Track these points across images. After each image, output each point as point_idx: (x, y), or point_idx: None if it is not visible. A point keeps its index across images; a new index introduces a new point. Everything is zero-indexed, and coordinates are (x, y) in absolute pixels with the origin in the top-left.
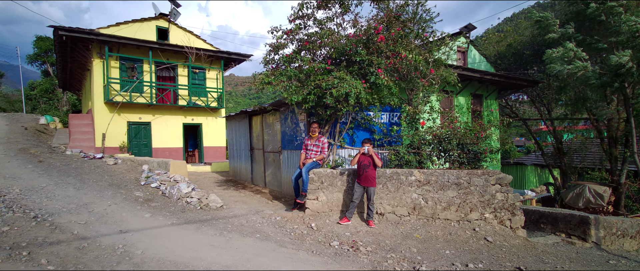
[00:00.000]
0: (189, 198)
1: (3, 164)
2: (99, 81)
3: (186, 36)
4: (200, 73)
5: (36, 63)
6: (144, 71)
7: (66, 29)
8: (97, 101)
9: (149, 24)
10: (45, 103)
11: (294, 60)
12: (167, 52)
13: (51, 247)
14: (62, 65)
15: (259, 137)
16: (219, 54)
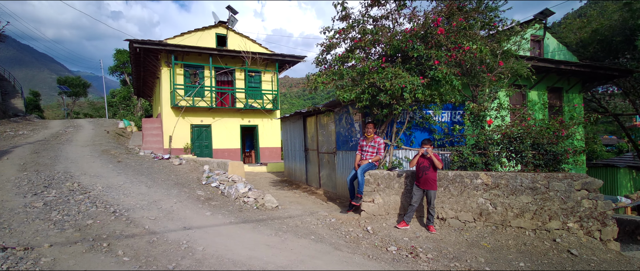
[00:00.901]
0: (245, 198)
1: (89, 164)
2: (166, 87)
3: (243, 41)
4: (256, 77)
5: (116, 73)
6: (204, 76)
7: (139, 42)
8: (164, 106)
9: (209, 32)
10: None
11: (346, 60)
12: (226, 58)
13: (127, 240)
14: (136, 74)
15: (314, 138)
16: (274, 57)
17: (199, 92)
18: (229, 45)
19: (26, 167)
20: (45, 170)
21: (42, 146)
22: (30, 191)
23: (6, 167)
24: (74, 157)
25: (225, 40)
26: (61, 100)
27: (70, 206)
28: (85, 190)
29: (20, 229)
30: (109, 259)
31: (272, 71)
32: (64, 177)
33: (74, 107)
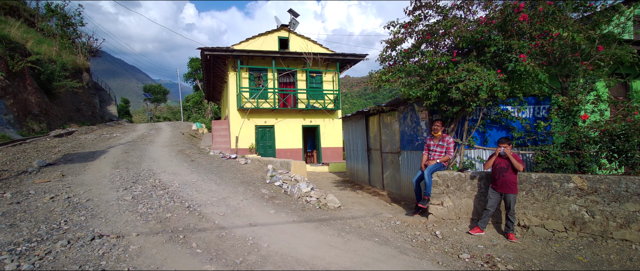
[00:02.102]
0: (308, 198)
1: (168, 162)
2: (233, 91)
3: (304, 42)
4: (317, 77)
5: (190, 80)
6: (268, 79)
7: (209, 49)
8: (231, 108)
9: (272, 36)
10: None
11: (413, 55)
12: (288, 60)
13: (199, 233)
14: (207, 79)
15: (376, 138)
16: (335, 57)
17: (262, 94)
18: (290, 47)
19: (118, 165)
20: (133, 167)
21: (131, 146)
22: (122, 186)
23: (103, 165)
24: (155, 156)
25: (287, 43)
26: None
27: (153, 200)
28: (165, 186)
29: (114, 219)
30: (184, 250)
31: (333, 71)
32: (147, 174)
33: (155, 111)
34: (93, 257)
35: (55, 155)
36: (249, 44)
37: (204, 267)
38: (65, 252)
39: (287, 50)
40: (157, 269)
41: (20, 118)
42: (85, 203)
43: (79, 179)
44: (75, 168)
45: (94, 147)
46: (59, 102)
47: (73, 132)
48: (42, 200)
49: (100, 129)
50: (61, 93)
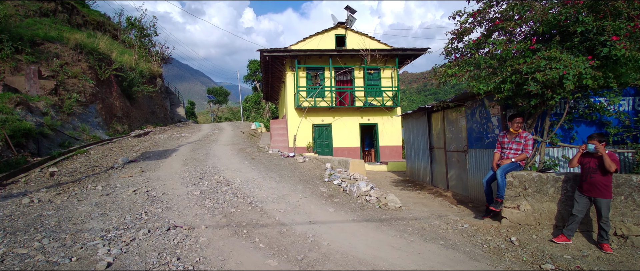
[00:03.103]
0: (367, 197)
1: (230, 160)
2: (290, 90)
3: (362, 39)
4: (375, 74)
5: (249, 81)
6: (325, 77)
7: (268, 51)
8: (289, 107)
9: (329, 34)
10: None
11: (482, 46)
12: (345, 57)
13: (261, 229)
14: (265, 80)
15: (440, 135)
16: (393, 52)
17: (319, 92)
18: (347, 44)
19: (187, 162)
20: (200, 165)
21: (197, 145)
22: (191, 182)
23: (175, 162)
24: (219, 154)
25: (344, 41)
26: (209, 107)
27: (218, 195)
28: (228, 182)
29: (185, 212)
30: (248, 244)
31: (392, 67)
32: (212, 171)
33: (217, 112)
34: (169, 246)
35: (135, 153)
36: (306, 43)
37: (266, 261)
38: (147, 240)
39: (344, 48)
40: (225, 260)
41: (107, 120)
42: (161, 197)
43: (155, 175)
44: (152, 165)
45: (166, 146)
46: (137, 106)
47: (149, 132)
48: (126, 193)
49: (171, 129)
50: (139, 98)
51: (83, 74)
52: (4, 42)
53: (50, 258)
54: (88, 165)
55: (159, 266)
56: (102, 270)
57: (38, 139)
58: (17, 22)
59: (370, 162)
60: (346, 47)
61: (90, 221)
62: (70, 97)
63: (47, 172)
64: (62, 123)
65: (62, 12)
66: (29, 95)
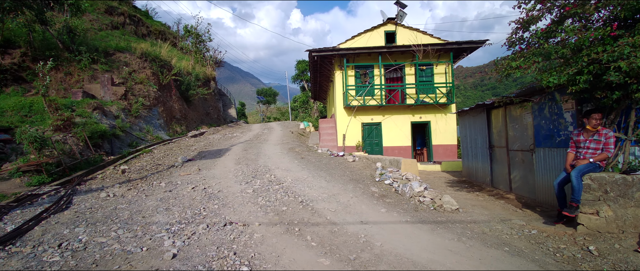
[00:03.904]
0: (421, 198)
1: (281, 159)
2: (339, 89)
3: (413, 34)
4: (427, 70)
5: (297, 81)
6: (374, 75)
7: (316, 50)
8: (338, 106)
9: (378, 31)
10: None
11: (552, 34)
12: (395, 54)
13: (312, 227)
14: (314, 79)
15: (501, 133)
16: (447, 46)
17: (369, 91)
18: (398, 41)
19: (240, 161)
20: (252, 164)
21: (248, 145)
22: (243, 180)
23: (228, 161)
24: (269, 153)
25: (394, 37)
26: (258, 107)
27: (270, 194)
28: (280, 181)
29: (240, 209)
30: (300, 242)
31: (446, 62)
32: (264, 169)
33: (267, 112)
34: (226, 241)
35: (193, 152)
36: (354, 41)
37: (319, 260)
38: (206, 234)
39: (394, 44)
40: (278, 257)
41: (168, 121)
42: (217, 194)
43: (211, 173)
44: (208, 164)
45: (220, 146)
46: (193, 108)
47: (204, 133)
48: (186, 190)
49: (224, 130)
50: (195, 100)
51: (147, 80)
52: (82, 54)
53: (125, 247)
54: (152, 163)
55: (217, 260)
56: (169, 260)
57: (111, 140)
58: (93, 35)
59: (423, 161)
60: (396, 44)
61: (156, 215)
62: (137, 101)
63: (119, 170)
64: (130, 125)
65: (129, 24)
66: (103, 100)
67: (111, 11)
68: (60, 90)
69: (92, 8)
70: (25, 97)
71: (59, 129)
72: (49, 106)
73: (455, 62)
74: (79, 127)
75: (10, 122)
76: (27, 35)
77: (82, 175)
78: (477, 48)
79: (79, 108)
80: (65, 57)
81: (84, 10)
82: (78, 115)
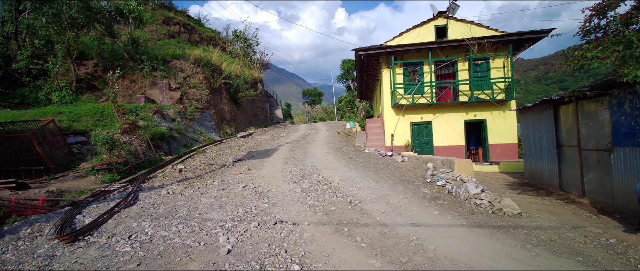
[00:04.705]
0: (478, 200)
1: (327, 159)
2: (386, 88)
3: (466, 27)
4: (483, 64)
5: (342, 81)
6: (424, 72)
7: (363, 49)
8: (385, 105)
9: (428, 26)
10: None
11: (634, 20)
12: (446, 49)
13: (362, 228)
14: (360, 78)
15: (571, 131)
16: (506, 38)
17: (418, 88)
18: (449, 35)
19: (287, 161)
20: (299, 164)
21: (295, 145)
22: (292, 180)
23: (276, 161)
24: (316, 154)
25: (446, 31)
26: (304, 107)
27: (318, 194)
28: (327, 181)
29: (289, 208)
30: (350, 242)
31: (504, 55)
32: (311, 169)
33: (312, 112)
34: (277, 239)
35: (242, 152)
36: (402, 38)
37: (369, 261)
38: (257, 232)
39: (445, 39)
40: (328, 256)
41: (219, 123)
42: (266, 193)
43: (260, 173)
44: (256, 164)
45: (267, 146)
46: (242, 109)
47: (252, 134)
48: (237, 189)
49: (271, 130)
50: (243, 102)
51: (200, 84)
52: (144, 62)
53: (185, 241)
54: (206, 163)
55: (269, 257)
56: (224, 255)
57: (169, 141)
58: (153, 44)
59: (478, 162)
60: (448, 38)
61: (211, 212)
62: (191, 104)
63: (176, 169)
64: (185, 127)
65: (184, 33)
66: (162, 104)
67: (168, 21)
68: (126, 96)
69: (152, 19)
70: (97, 103)
71: (126, 132)
72: (117, 111)
73: (515, 54)
74: (142, 130)
75: (86, 125)
76: (98, 47)
77: (145, 173)
78: (540, 38)
79: (141, 112)
80: (130, 65)
81: (145, 22)
82: (141, 118)
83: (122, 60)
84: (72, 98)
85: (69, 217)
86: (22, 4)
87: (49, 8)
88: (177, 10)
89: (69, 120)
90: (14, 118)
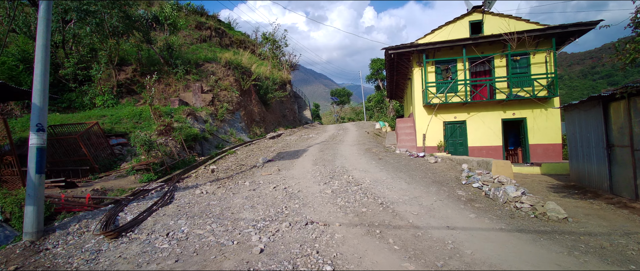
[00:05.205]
0: (518, 203)
1: (357, 160)
2: (418, 87)
3: (504, 22)
4: (522, 60)
5: (371, 81)
6: (457, 70)
7: (393, 48)
8: (417, 105)
9: (462, 22)
10: (377, 111)
11: None
12: (481, 46)
13: (394, 230)
14: (390, 78)
15: (623, 130)
16: (548, 31)
17: (451, 87)
18: (485, 31)
19: (317, 162)
20: (329, 164)
21: (324, 146)
22: (322, 181)
23: (306, 161)
24: (346, 154)
25: (481, 26)
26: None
27: (349, 195)
28: (358, 182)
29: (320, 209)
30: (382, 244)
31: (546, 49)
32: (341, 170)
33: (340, 112)
34: (308, 239)
35: (272, 153)
36: (434, 35)
37: (403, 264)
38: (289, 232)
39: (480, 34)
40: (361, 258)
41: (248, 124)
42: (297, 194)
43: (290, 173)
44: (286, 164)
45: (297, 147)
46: (271, 110)
47: (281, 134)
48: (268, 189)
49: (300, 131)
50: (272, 103)
51: (231, 86)
52: (178, 66)
53: (219, 239)
54: (236, 164)
55: (301, 257)
56: (257, 254)
57: (201, 142)
58: (186, 49)
59: (517, 163)
60: (484, 34)
61: (243, 212)
62: (222, 106)
63: (209, 169)
64: (216, 128)
65: (215, 37)
66: (194, 106)
67: (200, 26)
68: (162, 99)
69: (185, 25)
70: (136, 107)
71: (162, 133)
72: (154, 113)
73: (558, 49)
74: (176, 131)
75: (126, 128)
76: (136, 53)
77: (179, 173)
78: (587, 31)
79: (176, 115)
80: (165, 70)
81: (179, 28)
82: (175, 120)
83: (158, 65)
84: (113, 102)
85: (112, 214)
86: (68, 15)
87: (92, 18)
88: (208, 15)
89: (110, 122)
90: (62, 122)
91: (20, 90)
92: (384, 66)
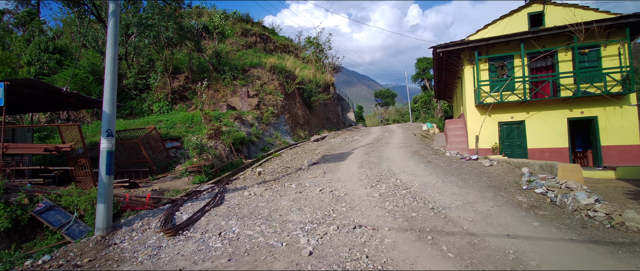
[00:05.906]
0: (591, 212)
1: (405, 163)
2: (469, 86)
3: (569, 12)
4: (591, 53)
5: (417, 81)
6: (514, 67)
7: (442, 46)
8: (468, 105)
9: (519, 15)
10: (424, 112)
11: None
12: (543, 39)
13: (447, 237)
14: (438, 77)
15: None
16: (621, 21)
17: (508, 85)
18: (547, 23)
19: (363, 165)
20: (375, 167)
21: (370, 148)
22: (368, 184)
23: (351, 164)
24: (392, 157)
25: (541, 18)
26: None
27: (397, 199)
28: (406, 186)
29: (367, 213)
30: (435, 251)
31: (619, 41)
32: (388, 173)
33: (385, 114)
34: (357, 243)
35: (316, 156)
36: (487, 31)
37: None
38: (337, 235)
39: (541, 27)
40: (412, 264)
41: (293, 127)
42: (343, 197)
43: (335, 176)
44: (331, 167)
45: (341, 149)
46: (315, 113)
47: (325, 137)
48: (314, 192)
49: (343, 133)
50: (316, 106)
51: (275, 90)
52: (226, 73)
53: (268, 241)
54: (282, 166)
55: (350, 261)
56: (306, 256)
57: (248, 145)
58: (233, 55)
59: (587, 166)
60: (545, 26)
61: (291, 214)
62: (267, 110)
63: (256, 172)
64: (262, 131)
65: (260, 42)
66: (241, 111)
67: (246, 33)
68: (211, 104)
69: (232, 33)
70: (188, 112)
71: (212, 137)
72: (204, 118)
73: (633, 39)
74: (225, 135)
75: (180, 132)
76: (188, 62)
77: (228, 175)
78: None
79: (224, 119)
80: (214, 76)
81: (227, 36)
82: (224, 124)
83: (207, 72)
84: (168, 108)
85: (170, 213)
86: (130, 29)
87: (150, 31)
88: (253, 22)
89: (166, 127)
90: (125, 127)
91: (92, 99)
92: (431, 65)
